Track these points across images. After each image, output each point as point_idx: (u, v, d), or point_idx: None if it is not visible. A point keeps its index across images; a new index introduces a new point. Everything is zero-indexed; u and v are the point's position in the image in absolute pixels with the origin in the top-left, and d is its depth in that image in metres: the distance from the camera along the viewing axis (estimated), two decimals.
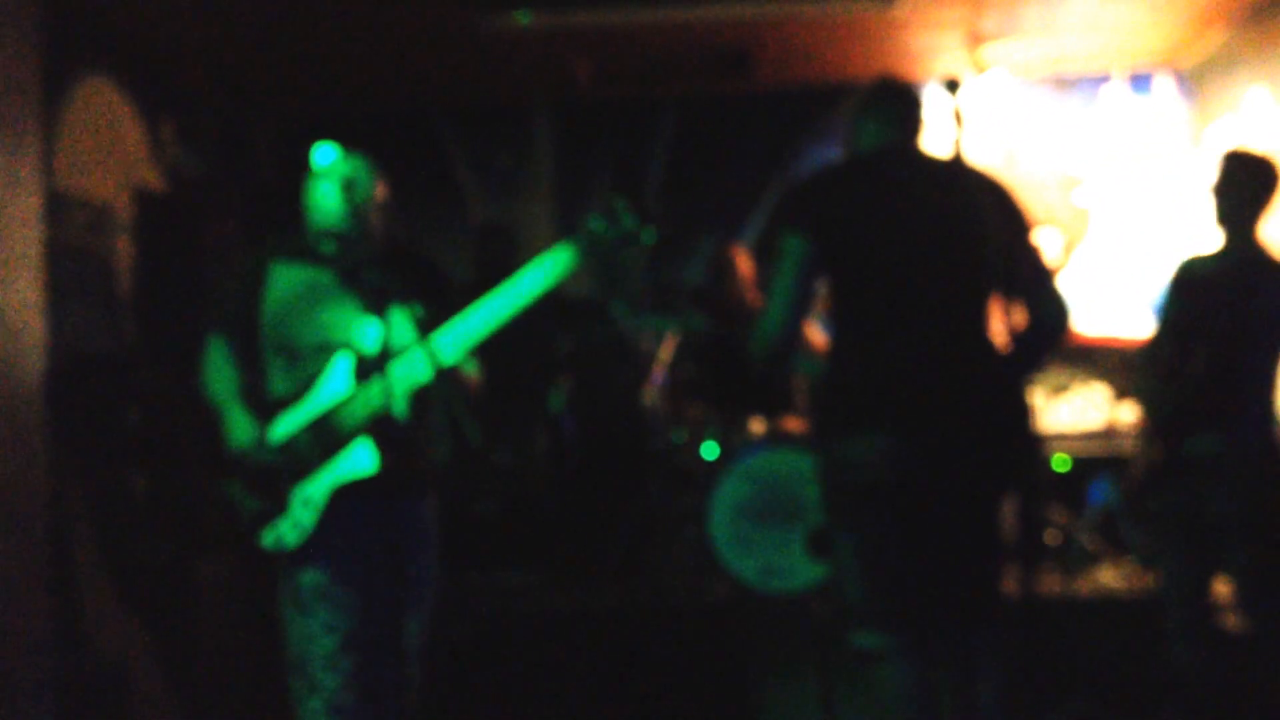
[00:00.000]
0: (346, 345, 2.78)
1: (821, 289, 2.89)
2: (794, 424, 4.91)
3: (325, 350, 2.79)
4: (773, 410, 4.98)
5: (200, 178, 5.39)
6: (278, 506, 2.74)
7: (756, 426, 4.90)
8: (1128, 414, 5.01)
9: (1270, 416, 3.55)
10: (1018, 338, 2.93)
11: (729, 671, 4.19)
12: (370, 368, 2.74)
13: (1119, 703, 4.00)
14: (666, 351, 5.06)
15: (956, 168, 2.97)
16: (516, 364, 4.67)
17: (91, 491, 4.22)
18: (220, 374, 2.89)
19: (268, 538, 2.75)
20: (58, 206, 3.88)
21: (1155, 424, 3.57)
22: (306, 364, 2.79)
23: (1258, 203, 3.48)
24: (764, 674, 4.19)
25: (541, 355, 5.26)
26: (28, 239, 3.05)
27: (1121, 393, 5.06)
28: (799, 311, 2.83)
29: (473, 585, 4.73)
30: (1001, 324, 2.96)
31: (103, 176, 4.59)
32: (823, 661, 4.07)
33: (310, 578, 2.73)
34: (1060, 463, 4.88)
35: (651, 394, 5.00)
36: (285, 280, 2.85)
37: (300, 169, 2.86)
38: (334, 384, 2.77)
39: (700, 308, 5.23)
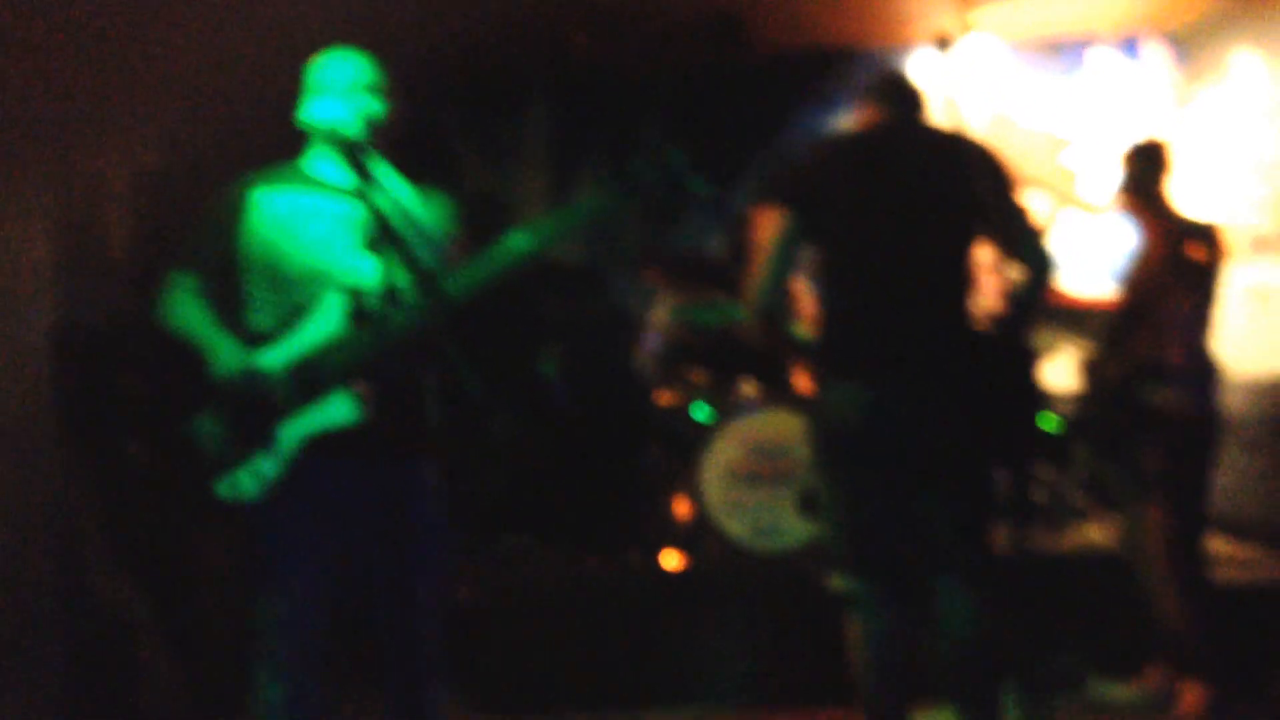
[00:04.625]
0: (339, 276, 2.54)
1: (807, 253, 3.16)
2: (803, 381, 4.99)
3: (314, 279, 2.54)
4: (765, 373, 5.02)
5: None
6: (244, 451, 2.51)
7: (748, 388, 4.95)
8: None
9: (1201, 369, 3.71)
10: (1012, 293, 3.08)
11: (721, 632, 4.25)
12: (366, 309, 2.52)
13: (1106, 658, 4.06)
14: (659, 315, 5.09)
15: (940, 136, 3.17)
16: (508, 330, 4.71)
17: (91, 457, 4.26)
18: (190, 308, 2.63)
19: (224, 487, 2.53)
20: None
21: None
22: (293, 293, 2.54)
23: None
24: (756, 633, 4.24)
25: (533, 321, 5.30)
26: (39, 204, 3.09)
27: None
28: (784, 274, 3.12)
29: (466, 552, 4.77)
30: (997, 283, 3.11)
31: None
32: (814, 619, 4.13)
33: (265, 534, 2.55)
34: (1047, 422, 4.93)
35: (644, 358, 5.04)
36: (271, 205, 2.60)
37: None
38: (324, 322, 2.53)
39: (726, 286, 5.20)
